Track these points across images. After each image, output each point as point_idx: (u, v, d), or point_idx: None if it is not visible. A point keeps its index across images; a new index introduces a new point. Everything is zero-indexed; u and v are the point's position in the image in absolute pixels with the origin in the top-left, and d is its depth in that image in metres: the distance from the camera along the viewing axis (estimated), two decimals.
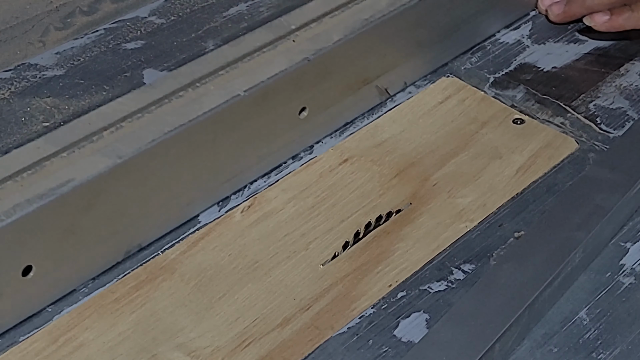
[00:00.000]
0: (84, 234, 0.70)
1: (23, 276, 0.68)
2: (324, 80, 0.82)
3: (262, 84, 0.77)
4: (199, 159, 0.75)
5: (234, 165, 0.79)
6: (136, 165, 0.71)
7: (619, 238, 0.78)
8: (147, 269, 0.74)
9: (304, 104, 0.82)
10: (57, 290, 0.71)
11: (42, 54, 0.80)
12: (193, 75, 0.77)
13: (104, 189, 0.70)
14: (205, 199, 0.78)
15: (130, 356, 0.69)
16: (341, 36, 0.82)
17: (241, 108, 0.76)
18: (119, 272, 0.73)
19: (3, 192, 0.67)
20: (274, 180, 0.81)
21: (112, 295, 0.72)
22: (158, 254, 0.75)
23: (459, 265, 0.76)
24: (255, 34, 0.81)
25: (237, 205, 0.79)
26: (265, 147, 0.80)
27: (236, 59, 0.78)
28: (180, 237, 0.76)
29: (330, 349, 0.70)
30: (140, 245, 0.75)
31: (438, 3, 0.89)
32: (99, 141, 0.71)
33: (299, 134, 0.83)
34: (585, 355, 0.70)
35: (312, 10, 0.83)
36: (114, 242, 0.73)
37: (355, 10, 0.84)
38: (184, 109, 0.74)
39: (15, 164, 0.69)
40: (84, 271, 0.72)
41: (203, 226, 0.77)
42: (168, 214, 0.76)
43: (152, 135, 0.72)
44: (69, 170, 0.69)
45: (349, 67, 0.84)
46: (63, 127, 0.72)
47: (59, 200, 0.67)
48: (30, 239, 0.67)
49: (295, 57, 0.79)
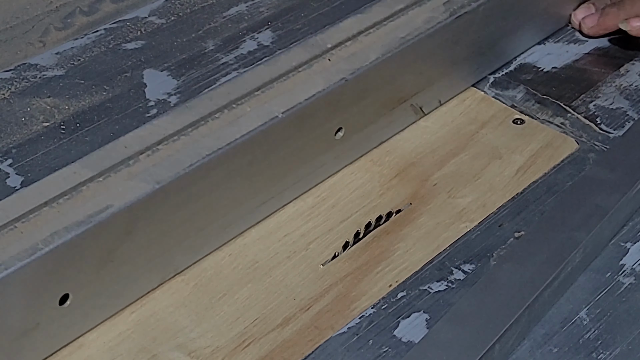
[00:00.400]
0: (122, 261, 0.68)
1: (60, 305, 0.66)
2: (360, 100, 0.80)
3: (299, 105, 0.75)
4: (236, 182, 0.74)
5: (270, 188, 0.77)
6: (174, 191, 0.69)
7: (619, 238, 0.78)
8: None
9: (340, 124, 0.80)
10: (93, 319, 0.69)
11: (42, 54, 0.80)
12: (229, 96, 0.75)
13: (142, 215, 0.68)
14: (241, 222, 0.76)
15: (130, 356, 0.69)
16: (378, 55, 0.80)
17: (278, 130, 0.75)
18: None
19: (40, 218, 0.65)
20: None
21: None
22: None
23: (459, 266, 0.76)
24: (290, 53, 0.79)
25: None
26: (300, 169, 0.79)
27: (272, 79, 0.77)
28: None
29: (330, 349, 0.70)
30: (177, 270, 0.73)
31: (474, 20, 0.87)
32: (135, 165, 0.69)
33: (334, 154, 0.81)
34: (585, 355, 0.70)
35: (347, 28, 0.82)
36: (151, 268, 0.71)
37: (391, 27, 0.83)
38: (221, 131, 0.72)
39: (51, 189, 0.67)
40: (119, 298, 0.70)
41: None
42: (205, 238, 0.74)
43: (190, 159, 0.70)
44: (106, 195, 0.67)
45: (385, 86, 0.82)
46: (99, 150, 0.69)
47: (97, 228, 0.66)
48: (68, 267, 0.65)
49: (332, 77, 0.78)
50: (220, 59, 0.80)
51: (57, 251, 0.64)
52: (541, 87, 0.91)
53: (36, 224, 0.65)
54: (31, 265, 0.63)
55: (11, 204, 0.65)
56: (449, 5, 0.85)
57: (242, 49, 0.82)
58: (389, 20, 0.83)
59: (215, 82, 0.78)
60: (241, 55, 0.81)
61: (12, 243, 0.63)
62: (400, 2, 0.85)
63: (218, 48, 0.81)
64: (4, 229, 0.64)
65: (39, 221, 0.65)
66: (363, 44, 0.81)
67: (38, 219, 0.65)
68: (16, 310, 0.64)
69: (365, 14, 0.83)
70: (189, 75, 0.78)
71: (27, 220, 0.65)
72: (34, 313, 0.65)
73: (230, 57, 0.81)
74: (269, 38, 0.83)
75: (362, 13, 0.83)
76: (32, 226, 0.65)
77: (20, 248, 0.63)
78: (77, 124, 0.73)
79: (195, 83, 0.78)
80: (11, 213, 0.65)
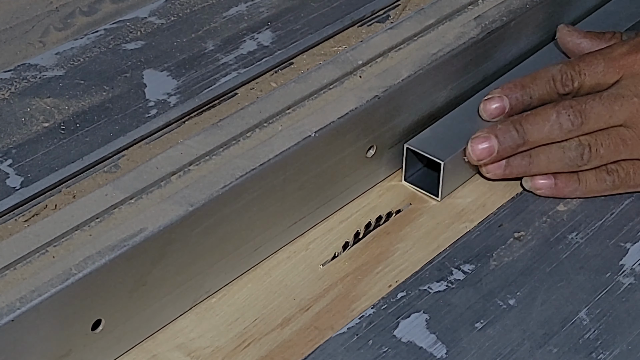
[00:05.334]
0: (155, 284, 0.67)
1: (92, 330, 0.65)
2: (392, 118, 0.79)
3: (332, 124, 0.75)
4: (268, 203, 0.73)
5: (301, 208, 0.76)
6: (207, 213, 0.68)
7: (619, 238, 0.78)
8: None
9: (372, 143, 0.79)
10: (125, 344, 0.68)
11: (42, 54, 0.80)
12: (260, 115, 0.74)
13: (176, 238, 0.67)
14: (272, 244, 0.75)
15: (130, 356, 0.69)
16: (410, 72, 0.79)
17: (311, 149, 0.74)
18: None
19: (72, 242, 0.64)
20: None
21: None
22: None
23: (458, 266, 0.76)
24: (321, 69, 0.78)
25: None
26: (331, 189, 0.78)
27: (303, 96, 0.76)
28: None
29: (330, 349, 0.70)
30: (209, 292, 0.72)
31: (504, 36, 0.86)
32: (167, 186, 0.69)
33: (365, 173, 0.80)
34: (585, 356, 0.70)
35: (378, 44, 0.81)
36: (184, 291, 0.70)
37: (422, 43, 0.82)
38: (253, 151, 0.72)
39: (83, 212, 0.66)
40: (151, 322, 0.69)
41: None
42: (236, 261, 0.73)
43: (223, 180, 0.69)
44: (139, 218, 0.66)
45: (417, 103, 0.81)
46: (130, 172, 0.69)
47: (130, 252, 0.65)
48: (101, 291, 0.64)
49: (364, 95, 0.77)
50: (220, 59, 0.80)
51: (91, 276, 0.63)
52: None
53: (68, 249, 0.64)
54: (64, 292, 0.62)
55: (42, 228, 0.65)
56: (480, 20, 0.85)
57: (242, 49, 0.82)
58: (419, 35, 0.83)
59: (215, 83, 0.78)
60: (241, 55, 0.81)
61: (44, 268, 0.63)
62: (430, 17, 0.84)
63: (218, 48, 0.81)
64: (35, 253, 0.64)
65: (71, 245, 0.64)
66: (394, 60, 0.80)
67: (71, 242, 0.65)
68: (49, 337, 0.63)
69: (395, 29, 0.83)
70: (189, 76, 0.78)
71: (59, 245, 0.64)
72: (66, 339, 0.64)
73: (230, 57, 0.81)
74: (269, 38, 0.83)
75: (393, 28, 0.83)
76: (65, 250, 0.64)
77: (54, 274, 0.62)
78: (76, 124, 0.73)
79: (195, 83, 0.77)
80: (43, 237, 0.64)
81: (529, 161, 0.79)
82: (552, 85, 0.81)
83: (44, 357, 0.63)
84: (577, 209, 0.80)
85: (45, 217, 0.66)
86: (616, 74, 0.80)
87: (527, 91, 0.80)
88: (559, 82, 0.80)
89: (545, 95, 0.81)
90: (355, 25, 0.84)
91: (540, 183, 0.80)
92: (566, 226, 0.79)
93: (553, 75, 0.81)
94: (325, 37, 0.83)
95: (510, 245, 0.77)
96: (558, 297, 0.73)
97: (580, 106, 0.78)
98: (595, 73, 0.80)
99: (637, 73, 0.79)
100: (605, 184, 0.79)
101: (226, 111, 0.75)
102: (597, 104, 0.78)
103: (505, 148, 0.78)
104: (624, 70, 0.79)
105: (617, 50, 0.81)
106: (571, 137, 0.79)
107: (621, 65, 0.80)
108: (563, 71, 0.81)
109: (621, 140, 0.78)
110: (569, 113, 0.78)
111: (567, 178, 0.80)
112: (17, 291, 0.61)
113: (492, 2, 0.87)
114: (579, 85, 0.80)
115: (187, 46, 0.82)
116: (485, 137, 0.78)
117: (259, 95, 0.77)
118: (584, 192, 0.80)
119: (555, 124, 0.78)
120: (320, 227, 0.78)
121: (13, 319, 0.60)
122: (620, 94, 0.78)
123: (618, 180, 0.79)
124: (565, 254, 0.77)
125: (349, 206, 0.80)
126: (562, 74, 0.80)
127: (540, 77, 0.81)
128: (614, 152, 0.78)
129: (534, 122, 0.78)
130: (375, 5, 0.86)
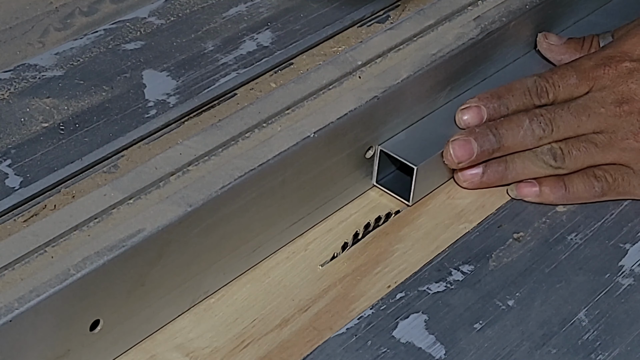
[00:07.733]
0: (153, 284, 0.67)
1: (90, 331, 0.65)
2: (391, 118, 0.79)
3: (331, 124, 0.74)
4: (267, 204, 0.73)
5: (300, 209, 0.76)
6: (206, 213, 0.68)
7: (618, 239, 0.78)
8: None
9: (371, 143, 0.79)
10: (123, 344, 0.68)
11: (42, 54, 0.80)
12: (259, 116, 0.74)
13: (175, 238, 0.67)
14: (270, 244, 0.75)
15: (128, 356, 0.69)
16: (409, 73, 0.79)
17: (310, 149, 0.74)
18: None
19: (71, 242, 0.64)
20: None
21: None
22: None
23: (458, 266, 0.76)
24: (320, 70, 0.78)
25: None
26: (330, 189, 0.78)
27: (302, 97, 0.76)
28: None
29: (329, 350, 0.70)
30: (207, 293, 0.72)
31: (504, 37, 0.86)
32: (165, 187, 0.69)
33: (364, 174, 0.80)
34: (584, 356, 0.70)
35: (378, 44, 0.81)
36: (182, 292, 0.70)
37: (421, 44, 0.82)
38: (252, 151, 0.72)
39: (82, 212, 0.66)
40: (150, 322, 0.69)
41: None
42: (235, 261, 0.73)
43: (222, 180, 0.69)
44: (137, 219, 0.66)
45: (416, 103, 0.81)
46: (129, 173, 0.69)
47: (129, 252, 0.65)
48: (99, 292, 0.64)
49: (363, 96, 0.77)
50: (220, 59, 0.80)
51: (89, 277, 0.63)
52: None
53: (67, 249, 0.64)
54: (63, 292, 0.62)
55: (40, 228, 0.64)
56: (479, 21, 0.85)
57: (242, 49, 0.82)
58: (419, 36, 0.83)
59: (215, 83, 0.78)
60: (240, 55, 0.81)
61: (43, 269, 0.63)
62: (430, 17, 0.84)
63: (217, 48, 0.81)
64: (34, 254, 0.64)
65: (70, 245, 0.64)
66: (393, 60, 0.80)
67: (69, 243, 0.64)
68: (47, 337, 0.63)
69: (394, 30, 0.83)
70: (189, 76, 0.78)
71: (57, 245, 0.64)
72: (64, 340, 0.64)
73: (230, 57, 0.81)
74: (269, 39, 0.83)
75: (392, 29, 0.82)
76: (63, 251, 0.64)
77: (52, 274, 0.62)
78: (76, 125, 0.73)
79: (194, 83, 0.77)
80: (41, 237, 0.64)
81: (504, 167, 0.80)
82: (529, 97, 0.82)
83: (42, 357, 0.63)
84: (576, 210, 0.80)
85: (44, 217, 0.66)
86: (587, 86, 0.82)
87: (504, 101, 0.82)
88: (534, 94, 0.82)
89: (521, 107, 0.82)
90: (355, 26, 0.84)
91: (525, 190, 0.81)
92: (565, 227, 0.79)
93: (528, 87, 0.82)
94: (325, 38, 0.83)
95: (509, 246, 0.77)
96: (557, 298, 0.74)
97: (550, 115, 0.80)
98: (569, 85, 0.82)
99: (605, 86, 0.81)
100: (593, 190, 0.80)
101: (225, 111, 0.75)
102: (565, 113, 0.80)
103: (483, 151, 0.79)
104: (594, 82, 0.82)
105: (587, 63, 0.83)
106: (543, 144, 0.80)
107: (591, 77, 0.82)
108: (538, 83, 0.82)
109: (592, 143, 0.80)
110: (540, 121, 0.80)
111: (553, 184, 0.80)
112: (16, 291, 0.61)
113: (492, 3, 0.87)
114: (554, 97, 0.82)
115: (186, 46, 0.82)
116: (465, 140, 0.79)
117: (259, 95, 0.77)
118: (571, 198, 0.80)
119: (528, 130, 0.80)
120: (319, 228, 0.78)
121: (11, 319, 0.60)
122: (587, 105, 0.81)
123: (606, 186, 0.80)
124: (565, 255, 0.77)
125: (348, 207, 0.80)
126: (537, 86, 0.82)
127: (516, 88, 0.82)
128: (587, 154, 0.80)
129: (509, 128, 0.80)
130: (375, 6, 0.86)
